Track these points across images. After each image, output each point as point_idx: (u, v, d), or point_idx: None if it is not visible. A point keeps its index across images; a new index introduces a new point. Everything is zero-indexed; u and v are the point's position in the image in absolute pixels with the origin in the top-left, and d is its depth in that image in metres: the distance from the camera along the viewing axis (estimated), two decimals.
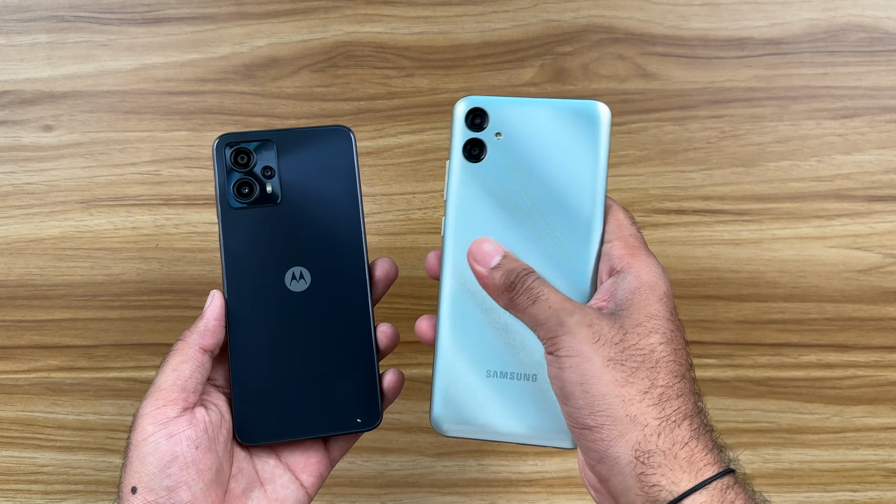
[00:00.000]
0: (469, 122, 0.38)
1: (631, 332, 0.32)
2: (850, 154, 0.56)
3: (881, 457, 0.56)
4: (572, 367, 0.32)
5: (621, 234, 0.36)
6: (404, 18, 0.57)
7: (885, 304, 0.56)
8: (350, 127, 0.42)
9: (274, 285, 0.40)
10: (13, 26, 0.57)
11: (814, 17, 0.56)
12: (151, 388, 0.37)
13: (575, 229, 0.37)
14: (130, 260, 0.57)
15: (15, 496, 0.57)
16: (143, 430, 0.36)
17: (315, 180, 0.41)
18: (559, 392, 0.33)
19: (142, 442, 0.36)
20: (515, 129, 0.37)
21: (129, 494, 0.35)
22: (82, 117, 0.57)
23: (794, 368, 0.56)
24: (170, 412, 0.36)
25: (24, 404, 0.58)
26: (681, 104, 0.56)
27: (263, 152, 0.41)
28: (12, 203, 0.57)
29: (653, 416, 0.31)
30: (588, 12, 0.56)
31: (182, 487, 0.35)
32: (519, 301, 0.34)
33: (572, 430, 0.33)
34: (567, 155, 0.37)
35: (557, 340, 0.32)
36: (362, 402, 0.40)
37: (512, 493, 0.57)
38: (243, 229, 0.40)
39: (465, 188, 0.37)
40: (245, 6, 0.57)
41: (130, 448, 0.36)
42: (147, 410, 0.36)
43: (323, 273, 0.40)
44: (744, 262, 0.56)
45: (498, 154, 0.37)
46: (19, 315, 0.58)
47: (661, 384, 0.31)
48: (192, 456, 0.36)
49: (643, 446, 0.30)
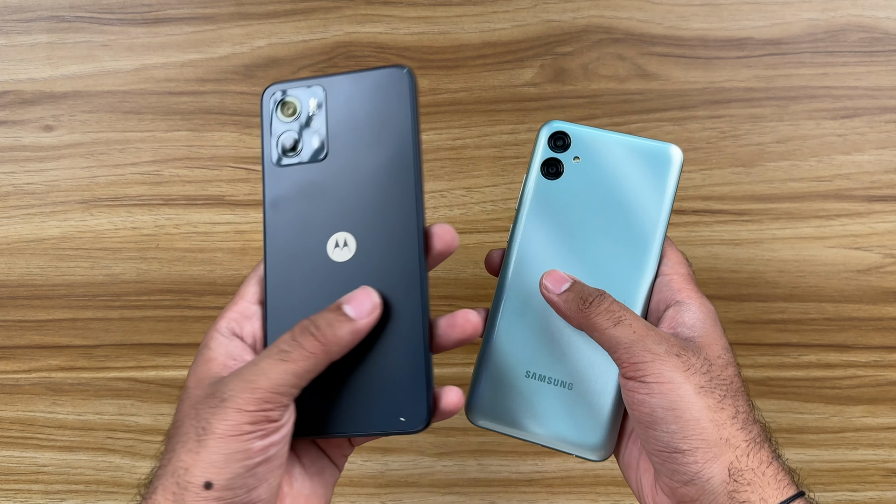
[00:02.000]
0: (552, 143, 0.40)
1: (715, 363, 0.35)
2: (850, 154, 0.56)
3: (881, 457, 0.56)
4: (663, 394, 0.33)
5: (679, 270, 0.39)
6: (404, 18, 0.57)
7: (884, 304, 0.56)
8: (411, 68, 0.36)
9: (317, 253, 0.35)
10: (13, 26, 0.57)
11: (814, 17, 0.56)
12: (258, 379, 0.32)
13: (633, 257, 0.39)
14: (130, 260, 0.57)
15: (15, 496, 0.57)
16: (237, 426, 0.31)
17: (366, 134, 0.36)
18: (646, 417, 0.34)
19: (230, 438, 0.31)
20: (593, 156, 0.40)
21: (198, 487, 0.31)
22: (82, 117, 0.57)
23: (793, 368, 0.56)
24: (273, 414, 0.32)
25: (24, 404, 0.58)
26: (680, 104, 0.56)
27: (311, 103, 0.36)
28: (12, 203, 0.57)
29: (742, 438, 0.33)
30: (588, 12, 0.56)
31: (263, 486, 0.32)
32: (598, 321, 0.35)
33: (657, 454, 0.34)
34: (637, 188, 0.39)
35: (645, 366, 0.34)
36: (408, 399, 0.35)
37: (512, 493, 0.57)
38: (287, 189, 0.36)
39: (537, 201, 0.40)
40: (245, 6, 0.57)
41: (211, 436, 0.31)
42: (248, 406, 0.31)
43: (369, 241, 0.35)
44: (743, 262, 0.56)
45: (573, 176, 0.40)
46: (19, 315, 0.58)
47: (742, 411, 0.34)
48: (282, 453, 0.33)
49: (735, 465, 0.33)
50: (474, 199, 0.57)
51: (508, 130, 0.57)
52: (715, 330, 0.36)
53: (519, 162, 0.57)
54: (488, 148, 0.57)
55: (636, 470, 0.37)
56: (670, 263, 0.39)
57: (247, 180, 0.57)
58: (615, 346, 0.35)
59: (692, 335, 0.36)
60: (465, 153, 0.57)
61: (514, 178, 0.57)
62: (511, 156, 0.57)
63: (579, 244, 0.39)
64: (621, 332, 0.35)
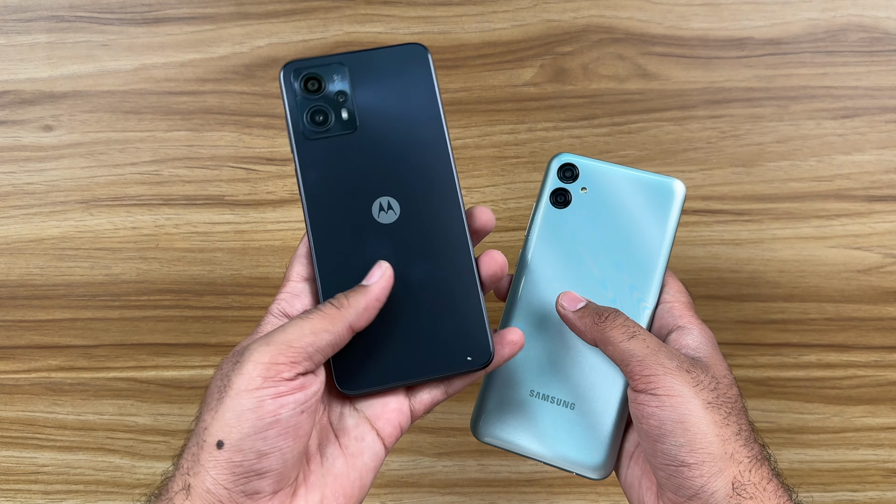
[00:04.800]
0: (561, 174, 0.42)
1: (721, 382, 0.36)
2: (850, 154, 0.56)
3: (881, 457, 0.56)
4: (673, 407, 0.34)
5: (680, 298, 0.40)
6: (404, 18, 0.57)
7: (885, 304, 0.56)
8: (426, 45, 0.38)
9: (361, 218, 0.37)
10: (13, 26, 0.57)
11: (814, 17, 0.56)
12: (275, 335, 0.33)
13: (635, 285, 0.40)
14: (130, 260, 0.57)
15: (15, 496, 0.57)
16: (251, 380, 0.31)
17: (393, 104, 0.37)
18: (655, 430, 0.35)
19: (244, 393, 0.31)
20: (600, 187, 0.42)
21: (212, 446, 0.31)
22: (82, 117, 0.57)
23: (794, 368, 0.56)
24: (286, 372, 0.32)
25: (24, 404, 0.58)
26: (681, 104, 0.56)
27: (335, 77, 0.37)
28: (12, 203, 0.57)
29: (745, 454, 0.34)
30: (588, 12, 0.56)
31: (275, 454, 0.32)
32: (613, 334, 0.37)
33: (663, 468, 0.35)
34: (641, 219, 0.41)
35: (657, 379, 0.35)
36: (470, 338, 0.36)
37: (512, 493, 0.57)
38: (322, 161, 0.37)
39: (546, 229, 0.42)
40: (245, 6, 0.57)
41: (228, 393, 0.32)
42: (262, 358, 0.32)
43: (412, 202, 0.37)
44: (744, 262, 0.56)
45: (581, 205, 0.42)
46: (19, 315, 0.58)
47: (745, 429, 0.35)
48: (295, 421, 0.32)
49: (738, 479, 0.34)
50: (474, 199, 0.57)
51: (508, 130, 0.57)
52: (717, 353, 0.38)
53: (519, 162, 0.57)
54: (488, 148, 0.57)
55: (638, 489, 0.38)
56: (672, 292, 0.41)
57: (246, 180, 0.57)
58: (628, 358, 0.36)
59: (697, 356, 0.37)
60: (465, 153, 0.57)
61: (514, 178, 0.57)
62: (511, 156, 0.57)
63: (585, 270, 0.41)
64: (635, 346, 0.36)
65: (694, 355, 0.37)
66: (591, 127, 0.56)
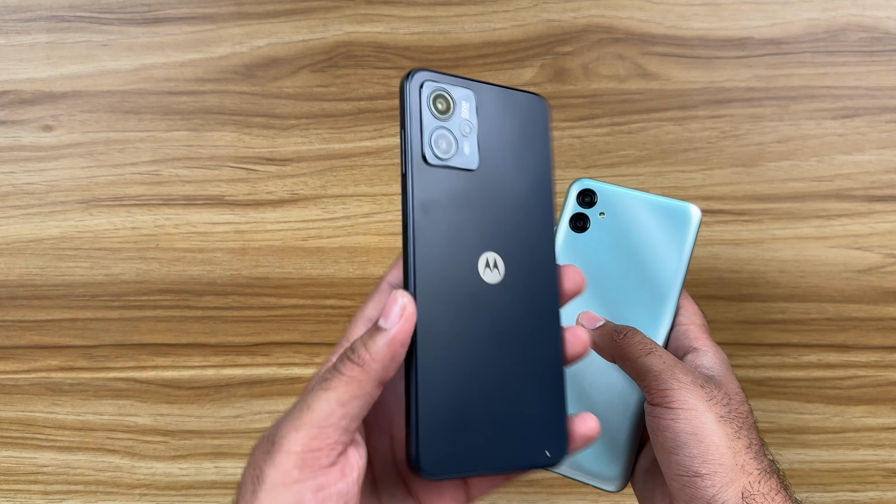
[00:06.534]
0: (580, 199, 0.44)
1: (733, 399, 0.38)
2: (851, 154, 0.56)
3: (881, 457, 0.56)
4: (687, 420, 0.36)
5: (695, 321, 0.42)
6: (404, 18, 0.57)
7: (885, 304, 0.56)
8: None
9: (467, 273, 0.32)
10: (13, 26, 0.57)
11: (814, 17, 0.56)
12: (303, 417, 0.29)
13: (652, 307, 0.42)
14: (130, 260, 0.57)
15: (15, 496, 0.57)
16: (286, 473, 0.28)
17: (511, 150, 0.34)
18: (669, 442, 0.36)
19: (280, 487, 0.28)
20: (618, 212, 0.43)
21: None
22: (82, 117, 0.57)
23: (794, 368, 0.56)
24: (323, 459, 0.29)
25: (24, 404, 0.58)
26: (681, 104, 0.56)
27: (464, 104, 0.33)
28: (12, 203, 0.57)
29: (755, 466, 0.36)
30: (588, 12, 0.56)
31: None
32: (631, 350, 0.38)
33: (677, 479, 0.36)
34: (657, 243, 0.42)
35: (672, 393, 0.36)
36: (551, 431, 0.32)
37: (512, 493, 0.57)
38: (437, 192, 0.32)
39: (566, 251, 0.43)
40: (245, 6, 0.57)
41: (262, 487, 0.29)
42: (294, 447, 0.28)
43: (516, 263, 0.33)
44: (744, 263, 0.56)
45: (599, 230, 0.43)
46: (19, 315, 0.58)
47: (755, 443, 0.37)
48: None
49: (748, 490, 0.35)
50: None
51: None
52: (730, 373, 0.39)
53: None
54: None
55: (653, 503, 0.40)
56: (687, 314, 0.42)
57: (246, 180, 0.57)
58: (645, 373, 0.37)
59: (711, 375, 0.39)
60: None
61: None
62: None
63: (603, 292, 0.42)
64: (652, 361, 0.37)
65: (708, 374, 0.39)
66: (591, 127, 0.56)
